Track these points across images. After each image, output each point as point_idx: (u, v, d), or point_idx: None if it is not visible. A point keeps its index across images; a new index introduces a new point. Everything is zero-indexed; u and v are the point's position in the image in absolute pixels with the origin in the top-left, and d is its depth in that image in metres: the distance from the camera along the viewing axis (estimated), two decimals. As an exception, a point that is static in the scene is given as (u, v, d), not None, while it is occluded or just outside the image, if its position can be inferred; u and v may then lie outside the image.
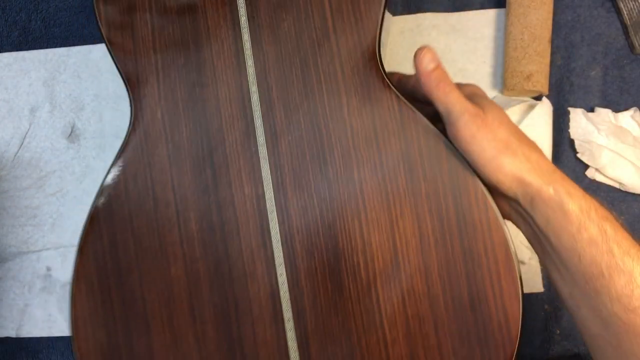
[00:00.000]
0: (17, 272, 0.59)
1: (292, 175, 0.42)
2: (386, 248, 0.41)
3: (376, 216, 0.41)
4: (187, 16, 0.44)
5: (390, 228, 0.41)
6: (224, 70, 0.44)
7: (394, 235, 0.41)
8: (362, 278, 0.41)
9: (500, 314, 0.40)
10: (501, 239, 0.40)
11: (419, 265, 0.41)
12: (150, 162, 0.44)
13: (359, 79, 0.42)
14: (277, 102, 0.43)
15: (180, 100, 0.44)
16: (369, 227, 0.41)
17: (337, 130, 0.42)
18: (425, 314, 0.41)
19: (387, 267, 0.41)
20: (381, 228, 0.41)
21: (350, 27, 0.43)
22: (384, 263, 0.41)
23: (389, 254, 0.41)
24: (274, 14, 0.44)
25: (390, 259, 0.41)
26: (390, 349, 0.41)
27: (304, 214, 0.42)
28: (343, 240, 0.42)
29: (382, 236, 0.41)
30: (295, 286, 0.42)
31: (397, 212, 0.41)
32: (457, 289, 0.40)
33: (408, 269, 0.41)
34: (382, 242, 0.41)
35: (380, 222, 0.41)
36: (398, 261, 0.41)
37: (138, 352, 0.43)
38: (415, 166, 0.41)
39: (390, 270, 0.41)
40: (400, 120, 0.42)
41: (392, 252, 0.41)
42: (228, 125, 0.43)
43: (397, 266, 0.41)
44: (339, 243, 0.42)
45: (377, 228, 0.41)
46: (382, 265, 0.41)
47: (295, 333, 0.42)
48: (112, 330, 0.43)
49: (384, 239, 0.41)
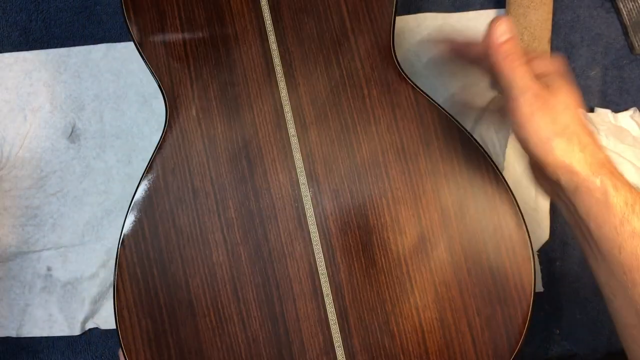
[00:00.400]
0: (17, 272, 0.59)
1: (322, 162, 0.46)
2: (412, 223, 0.46)
3: (401, 195, 0.46)
4: (215, 21, 0.48)
5: (414, 205, 0.46)
6: (253, 70, 0.48)
7: (418, 211, 0.46)
8: (392, 251, 0.45)
9: (515, 275, 0.45)
10: (511, 207, 0.45)
11: (442, 236, 0.45)
12: (187, 156, 0.47)
13: (377, 74, 0.47)
14: (304, 96, 0.47)
15: (214, 99, 0.47)
16: (396, 205, 0.46)
17: (361, 120, 0.47)
18: (451, 280, 0.45)
19: (414, 240, 0.45)
20: (407, 205, 0.46)
21: (366, 27, 0.48)
22: (411, 237, 0.46)
23: (415, 228, 0.46)
24: (297, 17, 0.48)
25: (416, 233, 0.46)
26: (422, 314, 0.45)
27: (336, 196, 0.46)
28: (373, 218, 0.46)
29: (407, 212, 0.46)
30: (331, 263, 0.46)
31: (420, 190, 0.46)
32: (477, 255, 0.45)
33: (433, 241, 0.45)
34: (408, 218, 0.46)
35: (406, 199, 0.46)
36: (423, 234, 0.45)
37: (185, 336, 0.45)
38: (433, 148, 0.46)
39: (417, 243, 0.45)
40: (417, 108, 0.47)
41: (418, 226, 0.46)
42: (260, 120, 0.47)
43: (422, 239, 0.45)
44: (370, 221, 0.46)
45: (403, 205, 0.46)
46: (410, 238, 0.46)
47: (334, 306, 0.45)
48: (157, 317, 0.46)
49: (410, 214, 0.46)
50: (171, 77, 0.48)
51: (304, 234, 0.46)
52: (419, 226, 0.46)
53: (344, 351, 0.45)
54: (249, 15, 0.48)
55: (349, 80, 0.47)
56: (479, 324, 0.45)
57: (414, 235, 0.46)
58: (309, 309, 0.45)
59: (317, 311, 0.45)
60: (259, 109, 0.47)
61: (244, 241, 0.46)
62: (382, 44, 0.47)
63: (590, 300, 0.53)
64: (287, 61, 0.48)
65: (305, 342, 0.45)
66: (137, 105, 0.58)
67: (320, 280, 0.45)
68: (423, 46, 0.55)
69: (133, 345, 0.46)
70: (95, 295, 0.57)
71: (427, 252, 0.45)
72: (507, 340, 0.44)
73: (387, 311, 0.45)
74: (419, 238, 0.46)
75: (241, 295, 0.46)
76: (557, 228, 0.54)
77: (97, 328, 0.57)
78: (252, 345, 0.45)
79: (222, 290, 0.46)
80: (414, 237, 0.46)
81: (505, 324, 0.45)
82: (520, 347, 0.44)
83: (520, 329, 0.44)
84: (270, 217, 0.46)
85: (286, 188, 0.46)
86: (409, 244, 0.46)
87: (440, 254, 0.45)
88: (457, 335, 0.45)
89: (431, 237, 0.46)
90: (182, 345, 0.45)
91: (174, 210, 0.46)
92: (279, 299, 0.45)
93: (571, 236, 0.54)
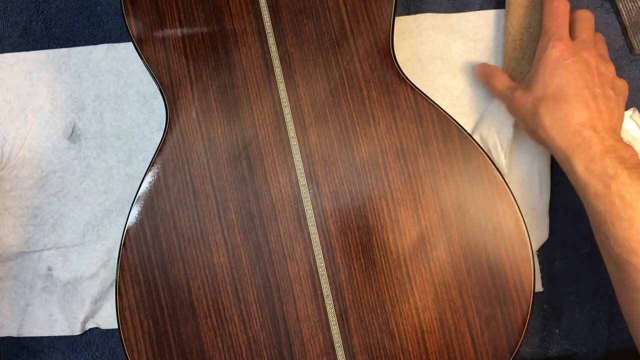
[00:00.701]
0: (18, 271, 0.59)
1: (322, 163, 0.47)
2: (412, 224, 0.46)
3: (401, 196, 0.46)
4: (214, 23, 0.48)
5: (414, 205, 0.46)
6: (253, 72, 0.48)
7: (417, 212, 0.46)
8: (392, 252, 0.46)
9: (515, 276, 0.45)
10: (511, 208, 0.45)
11: (441, 237, 0.46)
12: (188, 159, 0.47)
13: (377, 74, 0.47)
14: (304, 98, 0.47)
15: (214, 101, 0.47)
16: (395, 206, 0.46)
17: (360, 121, 0.47)
18: (451, 281, 0.45)
19: (413, 241, 0.46)
20: (406, 206, 0.46)
21: (365, 28, 0.48)
22: (410, 238, 0.46)
23: (415, 229, 0.46)
24: (296, 19, 0.48)
25: (416, 234, 0.46)
26: (421, 314, 0.45)
27: (336, 198, 0.46)
28: (373, 219, 0.46)
29: (407, 213, 0.46)
30: (332, 264, 0.46)
31: (419, 191, 0.46)
32: (477, 256, 0.45)
33: (432, 241, 0.46)
34: (408, 219, 0.46)
35: (405, 200, 0.46)
36: (423, 235, 0.46)
37: (186, 337, 0.46)
38: (432, 149, 0.46)
39: (417, 244, 0.46)
40: (416, 109, 0.47)
41: (417, 227, 0.46)
42: (260, 121, 0.47)
43: (422, 240, 0.46)
44: (369, 222, 0.46)
45: (403, 206, 0.46)
46: (409, 239, 0.46)
47: (335, 307, 0.45)
48: (159, 318, 0.46)
49: (409, 215, 0.46)
50: (171, 79, 0.48)
51: (304, 235, 0.46)
52: (418, 227, 0.46)
53: (344, 351, 0.45)
54: (248, 16, 0.48)
55: (349, 81, 0.47)
56: (479, 324, 0.45)
57: (414, 236, 0.46)
58: (309, 310, 0.46)
59: (317, 312, 0.45)
60: (259, 111, 0.47)
61: (244, 243, 0.46)
62: (381, 45, 0.48)
63: (590, 300, 0.53)
64: (286, 62, 0.48)
65: (305, 342, 0.45)
66: (138, 105, 0.59)
67: (321, 281, 0.46)
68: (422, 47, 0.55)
69: (135, 347, 0.46)
70: (96, 295, 0.57)
71: (426, 253, 0.46)
72: (506, 340, 0.45)
73: (387, 312, 0.45)
74: (419, 239, 0.46)
75: (242, 296, 0.46)
76: (556, 228, 0.54)
77: (98, 328, 0.57)
78: (253, 346, 0.46)
79: (223, 291, 0.46)
80: (413, 237, 0.46)
81: (504, 324, 0.45)
82: (519, 347, 0.45)
83: (519, 329, 0.45)
84: (270, 218, 0.46)
85: (286, 189, 0.46)
86: (409, 244, 0.46)
87: (440, 255, 0.46)
88: (457, 335, 0.45)
89: (431, 237, 0.46)
90: (184, 346, 0.46)
91: (174, 212, 0.47)
92: (279, 300, 0.46)
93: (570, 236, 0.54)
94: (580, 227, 0.54)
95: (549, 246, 0.54)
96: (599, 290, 0.53)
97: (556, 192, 0.54)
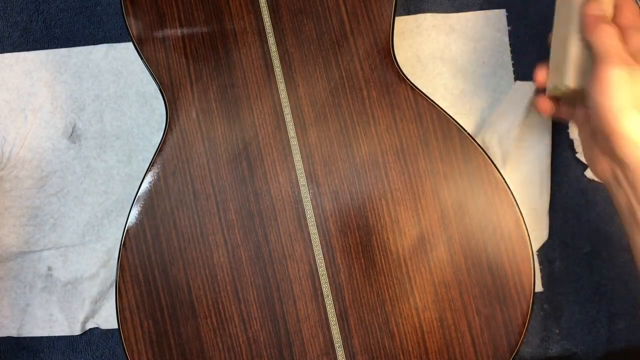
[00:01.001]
0: (18, 271, 0.59)
1: (322, 163, 0.47)
2: (412, 224, 0.46)
3: (401, 196, 0.46)
4: (214, 23, 0.48)
5: (414, 205, 0.46)
6: (253, 72, 0.48)
7: (417, 212, 0.46)
8: (392, 252, 0.46)
9: (515, 275, 0.45)
10: (511, 208, 0.45)
11: (441, 236, 0.46)
12: (188, 159, 0.47)
13: (377, 75, 0.47)
14: (304, 98, 0.47)
15: (214, 101, 0.47)
16: (395, 206, 0.46)
17: (360, 121, 0.47)
18: (451, 281, 0.45)
19: (413, 241, 0.46)
20: (406, 206, 0.46)
21: (365, 28, 0.48)
22: (410, 237, 0.46)
23: (415, 229, 0.46)
24: (296, 19, 0.48)
25: (416, 234, 0.46)
26: (421, 314, 0.45)
27: (336, 198, 0.46)
28: (373, 219, 0.46)
29: (407, 213, 0.46)
30: (332, 264, 0.46)
31: (419, 191, 0.46)
32: (477, 255, 0.45)
33: (432, 241, 0.46)
34: (408, 219, 0.46)
35: (405, 200, 0.46)
36: (423, 235, 0.46)
37: (186, 336, 0.46)
38: (432, 149, 0.46)
39: (417, 244, 0.46)
40: (416, 109, 0.47)
41: (417, 227, 0.46)
42: (260, 121, 0.47)
43: (422, 239, 0.46)
44: (369, 222, 0.46)
45: (403, 206, 0.46)
46: (409, 239, 0.46)
47: (335, 307, 0.45)
48: (159, 318, 0.46)
49: (409, 215, 0.46)
50: (171, 79, 0.48)
51: (304, 235, 0.46)
52: (418, 227, 0.46)
53: (344, 351, 0.45)
54: (248, 16, 0.48)
55: (349, 81, 0.47)
56: (479, 324, 0.45)
57: (414, 236, 0.46)
58: (310, 310, 0.46)
59: (317, 312, 0.45)
60: (259, 111, 0.47)
61: (244, 243, 0.46)
62: (381, 45, 0.48)
63: (590, 300, 0.53)
64: (286, 62, 0.48)
65: (305, 342, 0.45)
66: (138, 105, 0.59)
67: (321, 281, 0.46)
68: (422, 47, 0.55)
69: (135, 347, 0.46)
70: (96, 295, 0.57)
71: (426, 253, 0.46)
72: (506, 340, 0.45)
73: (387, 312, 0.45)
74: (419, 238, 0.46)
75: (242, 296, 0.46)
76: (556, 228, 0.54)
77: (98, 328, 0.57)
78: (253, 346, 0.46)
79: (223, 291, 0.46)
80: (413, 237, 0.46)
81: (505, 324, 0.45)
82: (519, 347, 0.45)
83: (519, 329, 0.45)
84: (270, 218, 0.46)
85: (286, 189, 0.46)
86: (409, 244, 0.46)
87: (440, 255, 0.46)
88: (457, 335, 0.45)
89: (431, 237, 0.46)
90: (184, 346, 0.46)
91: (174, 212, 0.47)
92: (279, 300, 0.46)
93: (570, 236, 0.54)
94: (580, 227, 0.54)
95: (549, 246, 0.54)
96: (599, 290, 0.53)
97: (556, 192, 0.54)
